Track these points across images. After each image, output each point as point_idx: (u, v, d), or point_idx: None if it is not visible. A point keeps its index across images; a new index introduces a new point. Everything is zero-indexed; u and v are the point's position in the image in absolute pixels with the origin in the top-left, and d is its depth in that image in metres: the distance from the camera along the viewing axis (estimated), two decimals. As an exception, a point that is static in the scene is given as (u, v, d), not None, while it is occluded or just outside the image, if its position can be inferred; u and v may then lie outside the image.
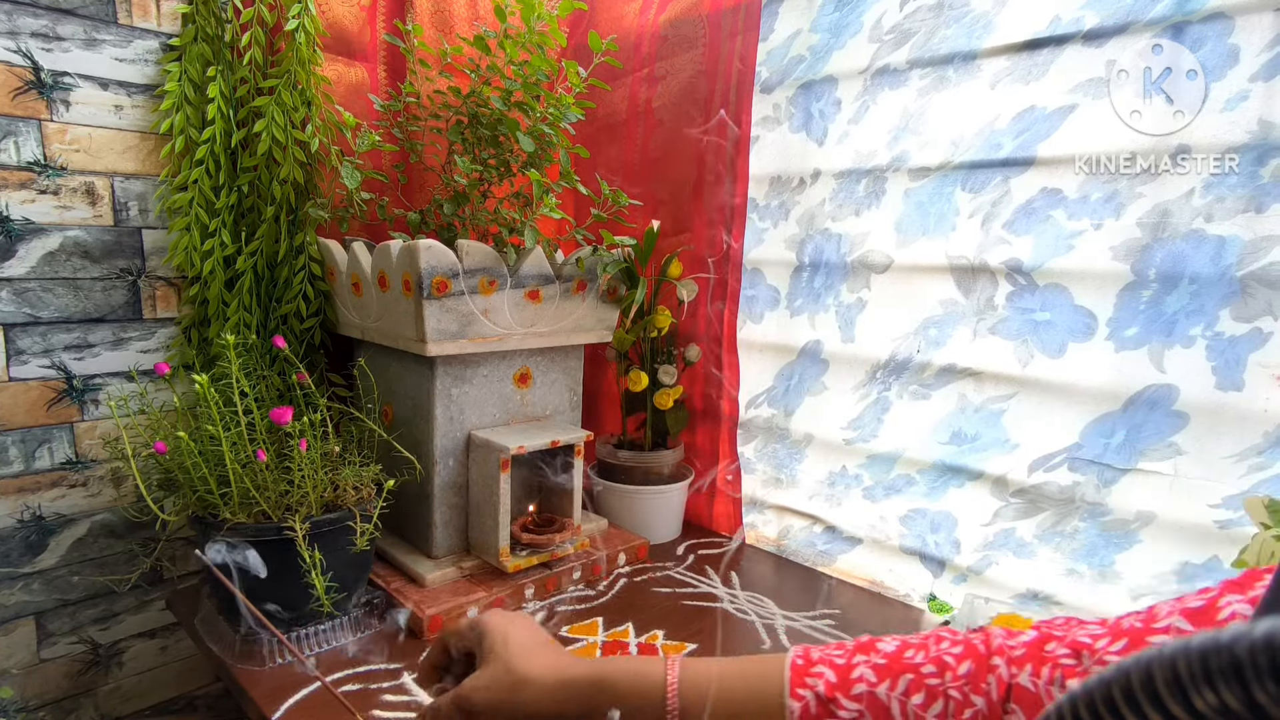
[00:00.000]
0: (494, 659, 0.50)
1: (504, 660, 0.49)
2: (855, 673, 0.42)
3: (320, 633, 0.82)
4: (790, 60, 1.06)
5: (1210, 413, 0.74)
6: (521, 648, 0.50)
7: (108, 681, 1.00)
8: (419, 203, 1.14)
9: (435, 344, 0.88)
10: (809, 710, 0.42)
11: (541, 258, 0.96)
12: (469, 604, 0.88)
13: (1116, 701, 0.20)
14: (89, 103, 0.91)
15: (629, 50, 1.25)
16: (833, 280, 1.04)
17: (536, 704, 0.48)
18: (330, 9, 1.08)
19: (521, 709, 0.48)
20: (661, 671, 0.46)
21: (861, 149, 0.99)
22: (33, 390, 0.91)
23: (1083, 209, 0.81)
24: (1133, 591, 0.81)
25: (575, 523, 0.99)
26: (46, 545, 0.93)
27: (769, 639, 0.87)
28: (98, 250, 0.94)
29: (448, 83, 1.00)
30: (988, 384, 0.90)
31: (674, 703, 0.45)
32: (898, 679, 0.41)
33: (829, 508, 1.08)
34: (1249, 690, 0.18)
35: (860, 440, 1.03)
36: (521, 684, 0.48)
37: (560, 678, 0.48)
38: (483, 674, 0.50)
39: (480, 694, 0.49)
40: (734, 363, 1.17)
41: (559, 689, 0.48)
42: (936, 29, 0.90)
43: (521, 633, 0.52)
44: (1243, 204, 0.71)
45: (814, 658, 0.44)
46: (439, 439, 0.93)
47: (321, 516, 0.79)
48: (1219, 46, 0.72)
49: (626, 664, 0.48)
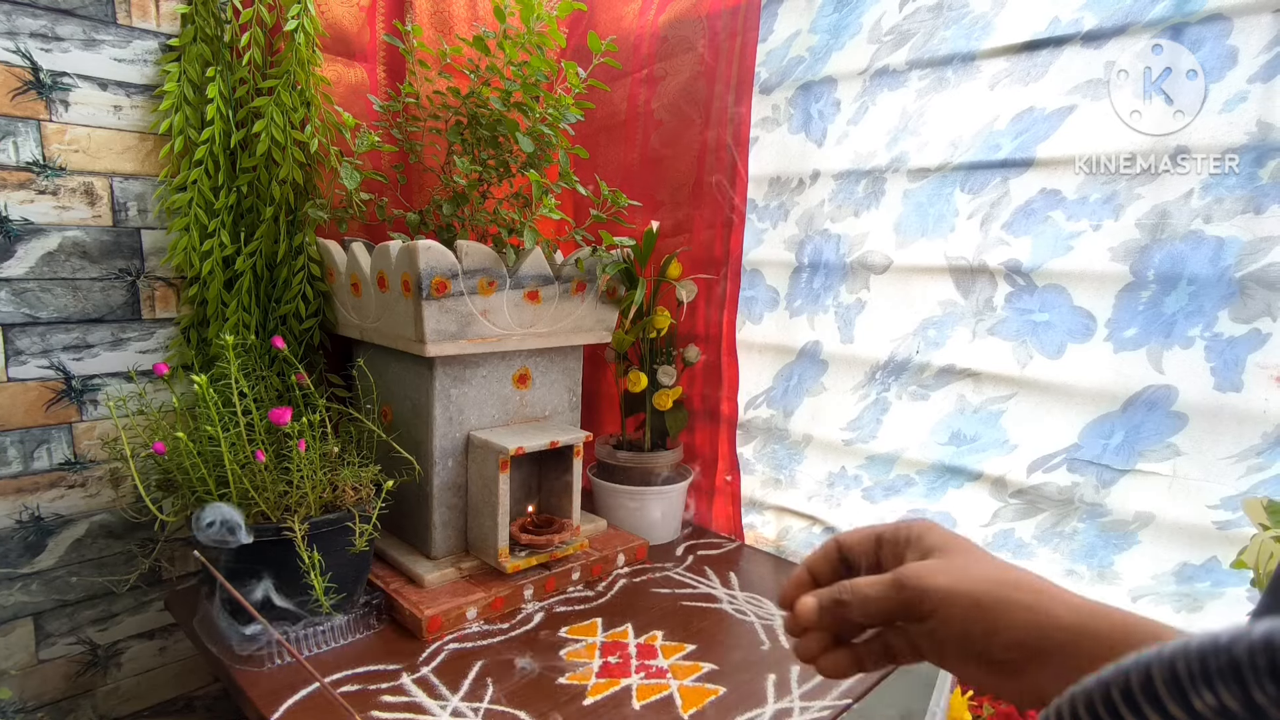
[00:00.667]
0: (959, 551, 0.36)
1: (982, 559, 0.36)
2: None
3: (319, 633, 0.82)
4: (789, 61, 1.06)
5: (1209, 414, 0.74)
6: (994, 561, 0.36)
7: (106, 682, 1.00)
8: (418, 203, 1.14)
9: (434, 344, 0.88)
10: None
11: (541, 258, 0.96)
12: (468, 604, 0.88)
13: (1115, 702, 0.20)
14: (88, 103, 0.91)
15: (628, 51, 1.25)
16: (832, 281, 1.04)
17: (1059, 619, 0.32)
18: (329, 9, 1.08)
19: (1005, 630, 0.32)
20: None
21: (861, 150, 0.99)
22: (31, 390, 0.91)
23: (1082, 210, 0.81)
24: (1132, 592, 0.81)
25: (574, 523, 0.99)
26: (45, 546, 0.93)
27: (768, 640, 0.87)
28: (97, 251, 0.94)
29: (447, 83, 1.00)
30: (987, 385, 0.90)
31: None
32: None
33: (828, 508, 1.08)
34: (1247, 691, 0.18)
35: (859, 441, 1.03)
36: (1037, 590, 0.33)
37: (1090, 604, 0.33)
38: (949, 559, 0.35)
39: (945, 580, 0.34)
40: (733, 363, 1.17)
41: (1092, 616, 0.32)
42: (935, 30, 0.91)
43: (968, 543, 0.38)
44: (1242, 205, 0.71)
45: None
46: (438, 439, 0.93)
47: (320, 517, 0.79)
48: (1218, 47, 0.72)
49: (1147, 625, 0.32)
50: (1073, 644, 0.32)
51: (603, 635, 0.87)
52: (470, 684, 0.77)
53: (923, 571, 0.34)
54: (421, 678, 0.78)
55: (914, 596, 0.34)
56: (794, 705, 0.75)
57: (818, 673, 0.38)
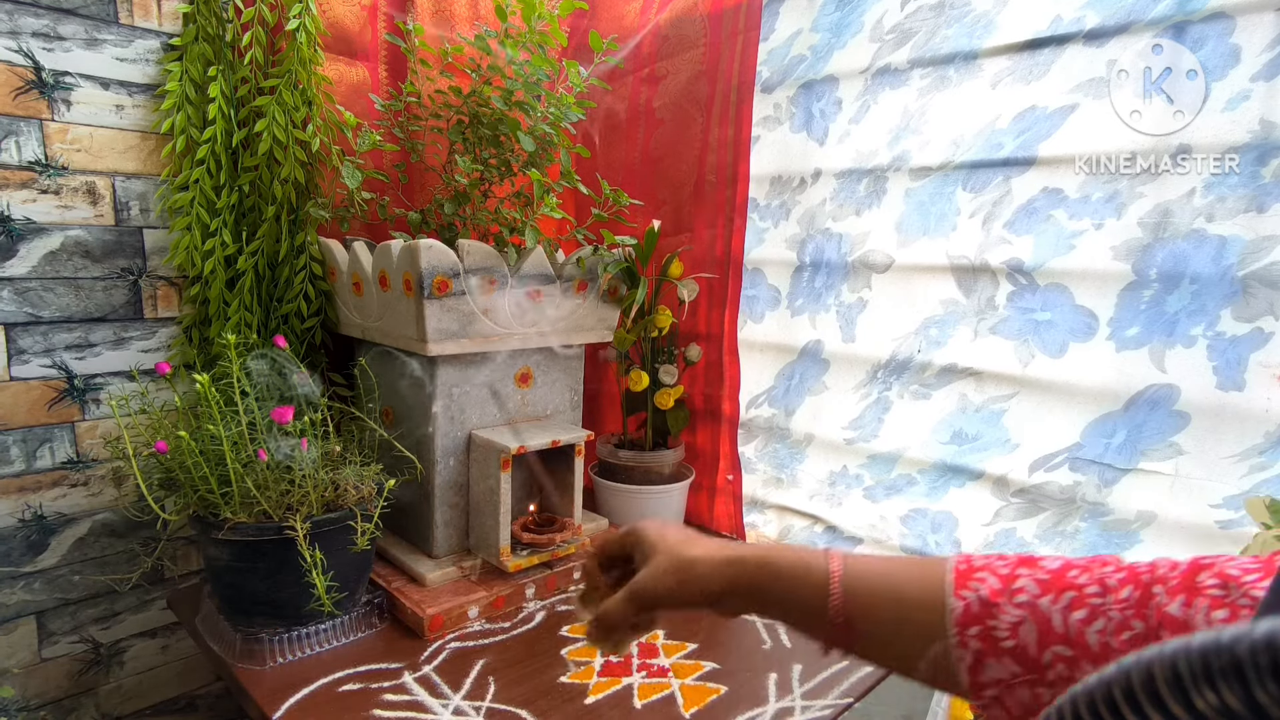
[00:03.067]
0: (658, 552, 0.51)
1: (669, 550, 0.51)
2: (1018, 583, 0.41)
3: (321, 632, 0.82)
4: (791, 60, 1.06)
5: (1211, 413, 0.74)
6: (682, 537, 0.52)
7: (109, 681, 1.01)
8: (420, 202, 1.14)
9: (436, 343, 0.88)
10: (970, 611, 0.41)
11: (542, 257, 0.96)
12: (470, 603, 0.88)
13: (1117, 701, 0.20)
14: (90, 102, 0.91)
15: (629, 50, 1.25)
16: (833, 280, 1.04)
17: (707, 581, 0.49)
18: (331, 8, 1.08)
19: (694, 587, 0.49)
20: (824, 561, 0.47)
21: (862, 149, 0.99)
22: (34, 390, 0.91)
23: (1084, 209, 0.81)
24: (1133, 591, 0.81)
25: (576, 522, 0.99)
26: (48, 545, 0.94)
27: (769, 638, 0.87)
28: (99, 250, 0.94)
29: (449, 82, 1.00)
30: (988, 384, 0.90)
31: (837, 591, 0.45)
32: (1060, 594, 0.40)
33: (830, 507, 1.08)
34: (1250, 690, 0.17)
35: (861, 440, 1.03)
36: (691, 564, 0.49)
37: (728, 555, 0.49)
38: (651, 566, 0.51)
39: (652, 582, 0.50)
40: (734, 362, 1.17)
41: (727, 565, 0.49)
42: (937, 29, 0.90)
43: (676, 530, 0.54)
44: (1244, 204, 0.71)
45: (977, 564, 0.44)
46: (439, 438, 0.93)
47: (322, 516, 0.79)
48: (1220, 46, 0.71)
49: (791, 551, 0.49)
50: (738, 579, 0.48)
51: (604, 634, 0.87)
52: (472, 683, 0.77)
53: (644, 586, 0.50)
54: (423, 676, 0.78)
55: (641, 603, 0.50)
56: (795, 704, 0.75)
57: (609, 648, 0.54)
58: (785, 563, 0.48)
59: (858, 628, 0.45)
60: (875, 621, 0.44)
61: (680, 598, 0.49)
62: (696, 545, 0.51)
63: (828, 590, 0.45)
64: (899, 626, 0.44)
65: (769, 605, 0.48)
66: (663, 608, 0.51)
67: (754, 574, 0.48)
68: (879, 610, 0.44)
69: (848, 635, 0.45)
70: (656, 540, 0.52)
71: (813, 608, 0.46)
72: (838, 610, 0.45)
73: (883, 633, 0.44)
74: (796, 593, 0.47)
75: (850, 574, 0.46)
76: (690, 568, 0.50)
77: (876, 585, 0.45)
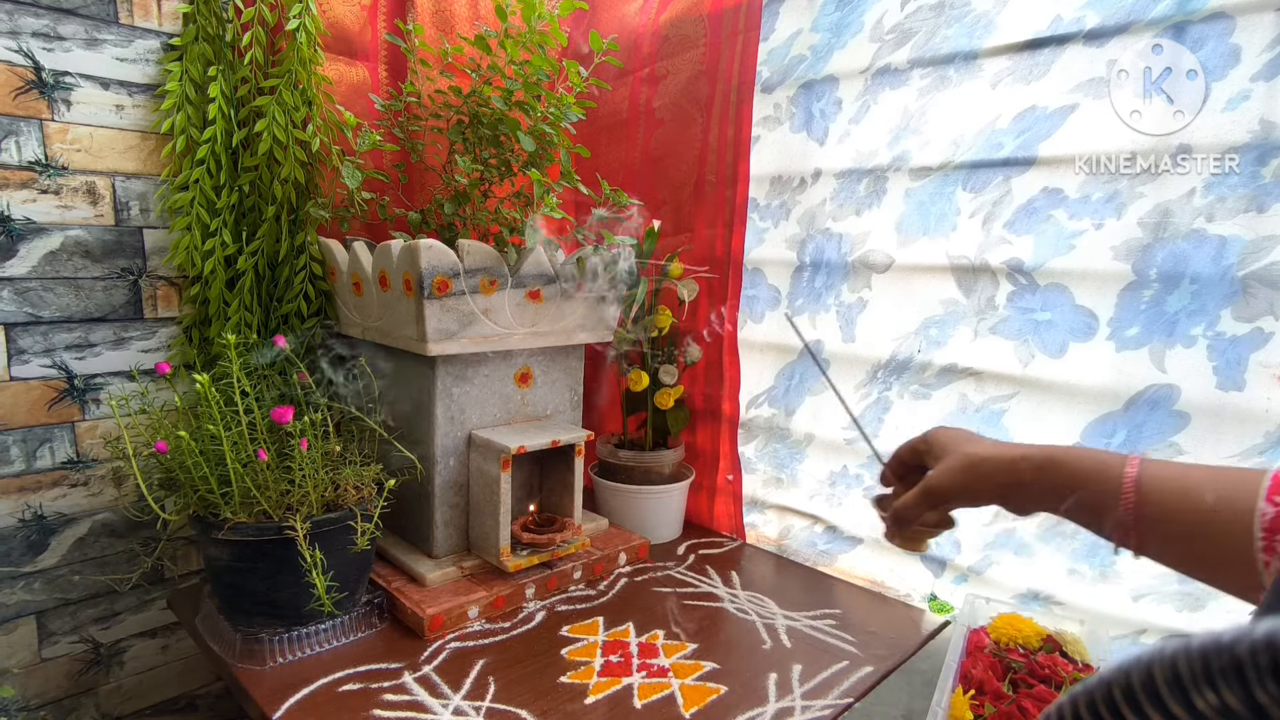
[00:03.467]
0: (949, 452, 0.55)
1: (959, 449, 0.54)
2: None
3: (321, 632, 0.82)
4: (791, 60, 1.06)
5: (1211, 413, 0.74)
6: (972, 438, 0.56)
7: (109, 681, 1.01)
8: (420, 202, 1.14)
9: (436, 343, 0.88)
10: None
11: (542, 257, 0.96)
12: (470, 603, 0.88)
13: (1117, 701, 0.20)
14: (90, 102, 0.91)
15: (630, 50, 1.25)
16: (833, 280, 1.04)
17: (993, 478, 0.52)
18: (331, 8, 1.08)
19: (983, 483, 0.52)
20: (1119, 462, 0.48)
21: (862, 149, 0.99)
22: (34, 389, 0.91)
23: (1084, 209, 0.81)
24: (1134, 591, 0.81)
25: (576, 522, 0.99)
26: (48, 545, 0.94)
27: (769, 638, 0.87)
28: (99, 250, 0.94)
29: (448, 82, 1.00)
30: (989, 384, 0.90)
31: (1130, 491, 0.46)
32: None
33: (830, 507, 1.08)
34: (1250, 690, 0.17)
35: (861, 440, 1.03)
36: (979, 461, 0.53)
37: (1015, 453, 0.52)
38: (943, 464, 0.55)
39: (944, 478, 0.54)
40: (735, 362, 1.17)
41: (1015, 462, 0.51)
42: (937, 29, 0.90)
43: (968, 433, 0.57)
44: (1244, 204, 0.71)
45: None
46: (439, 438, 0.93)
47: (322, 516, 0.79)
48: (1220, 46, 0.71)
49: (1082, 451, 0.50)
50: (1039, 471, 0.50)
51: (604, 634, 0.88)
52: (472, 683, 0.77)
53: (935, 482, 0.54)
54: (423, 676, 0.78)
55: (934, 500, 0.55)
56: (795, 704, 0.75)
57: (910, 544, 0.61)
58: (1078, 462, 0.49)
59: (1152, 529, 0.46)
60: (1172, 523, 0.45)
61: (970, 492, 0.53)
62: (985, 444, 0.54)
63: (1120, 489, 0.46)
64: (1197, 529, 0.44)
65: (1057, 502, 0.49)
66: (954, 503, 0.54)
67: (1042, 469, 0.50)
68: (1177, 513, 0.45)
69: (1140, 535, 0.46)
70: (947, 441, 0.56)
71: (1104, 506, 0.47)
72: (1129, 510, 0.46)
73: (1178, 534, 0.45)
74: (1088, 491, 0.48)
75: (1147, 476, 0.46)
76: (979, 464, 0.53)
77: (1174, 488, 0.45)
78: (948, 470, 0.54)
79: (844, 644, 0.86)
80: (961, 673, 0.73)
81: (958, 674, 0.72)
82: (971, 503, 0.54)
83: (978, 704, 0.68)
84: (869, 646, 0.86)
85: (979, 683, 0.70)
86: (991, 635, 0.78)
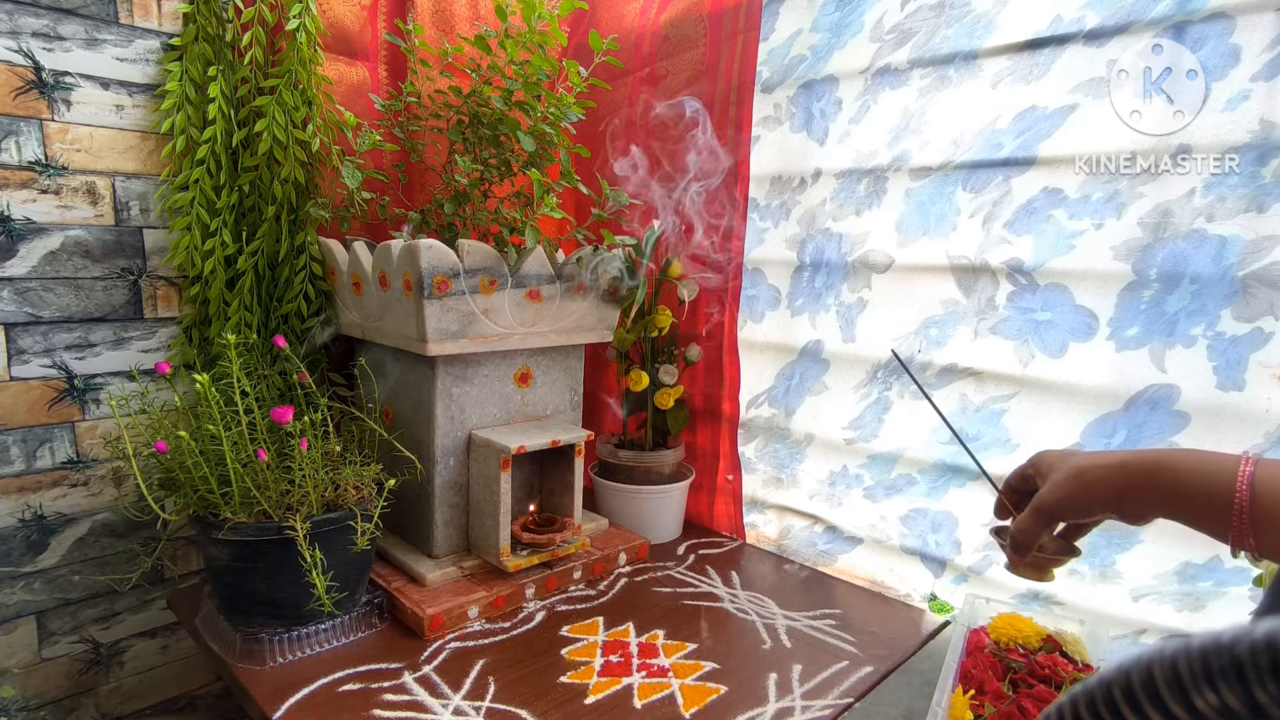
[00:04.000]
0: (1055, 469, 0.55)
1: (1064, 464, 0.55)
2: None
3: (321, 632, 0.82)
4: (791, 60, 1.06)
5: (1211, 413, 0.74)
6: (1076, 453, 0.56)
7: (109, 681, 1.01)
8: (420, 202, 1.14)
9: (436, 343, 0.88)
10: None
11: (542, 257, 0.96)
12: (470, 603, 0.88)
13: (1117, 701, 0.20)
14: (90, 102, 0.91)
15: (630, 50, 1.25)
16: (833, 280, 1.04)
17: (1101, 484, 0.51)
18: (331, 8, 1.08)
19: (1090, 491, 0.52)
20: (1234, 462, 0.47)
21: (862, 149, 0.99)
22: (34, 389, 0.91)
23: (1084, 209, 0.81)
24: (1134, 591, 0.81)
25: (576, 522, 0.99)
26: (48, 544, 0.94)
27: (769, 639, 0.87)
28: (99, 250, 0.94)
29: (448, 82, 1.00)
30: (989, 384, 0.90)
31: (1244, 493, 0.45)
32: None
33: (829, 507, 1.08)
34: (1249, 690, 0.17)
35: (861, 440, 1.03)
36: (1084, 470, 0.53)
37: (1118, 460, 0.52)
38: (1050, 480, 0.55)
39: (1053, 492, 0.54)
40: (735, 362, 1.17)
41: (1119, 468, 0.51)
42: (937, 29, 0.90)
43: (1071, 450, 0.58)
44: (1244, 204, 0.71)
45: None
46: (440, 438, 0.93)
47: (322, 516, 0.79)
48: (1220, 46, 0.71)
49: (1192, 453, 0.50)
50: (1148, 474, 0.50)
51: (604, 634, 0.87)
52: (472, 683, 0.77)
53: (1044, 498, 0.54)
54: (423, 676, 0.78)
55: (1047, 517, 0.54)
56: (795, 704, 0.75)
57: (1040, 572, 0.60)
58: (1185, 462, 0.48)
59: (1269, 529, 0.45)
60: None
61: (1080, 503, 0.52)
62: (1091, 455, 0.54)
63: (1231, 495, 0.46)
64: None
65: (1169, 506, 0.49)
66: (1066, 515, 0.54)
67: (1149, 473, 0.49)
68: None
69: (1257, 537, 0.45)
70: (1054, 460, 0.56)
71: (1216, 508, 0.46)
72: (1243, 510, 0.45)
73: None
74: (1199, 493, 0.47)
75: (1261, 476, 0.46)
76: (1084, 473, 0.52)
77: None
78: (1054, 484, 0.54)
79: (844, 644, 0.86)
80: (962, 673, 0.73)
81: (958, 674, 0.72)
82: (1085, 514, 0.53)
83: (978, 704, 0.68)
84: (869, 646, 0.86)
85: (979, 682, 0.70)
86: (991, 635, 0.78)
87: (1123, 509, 0.51)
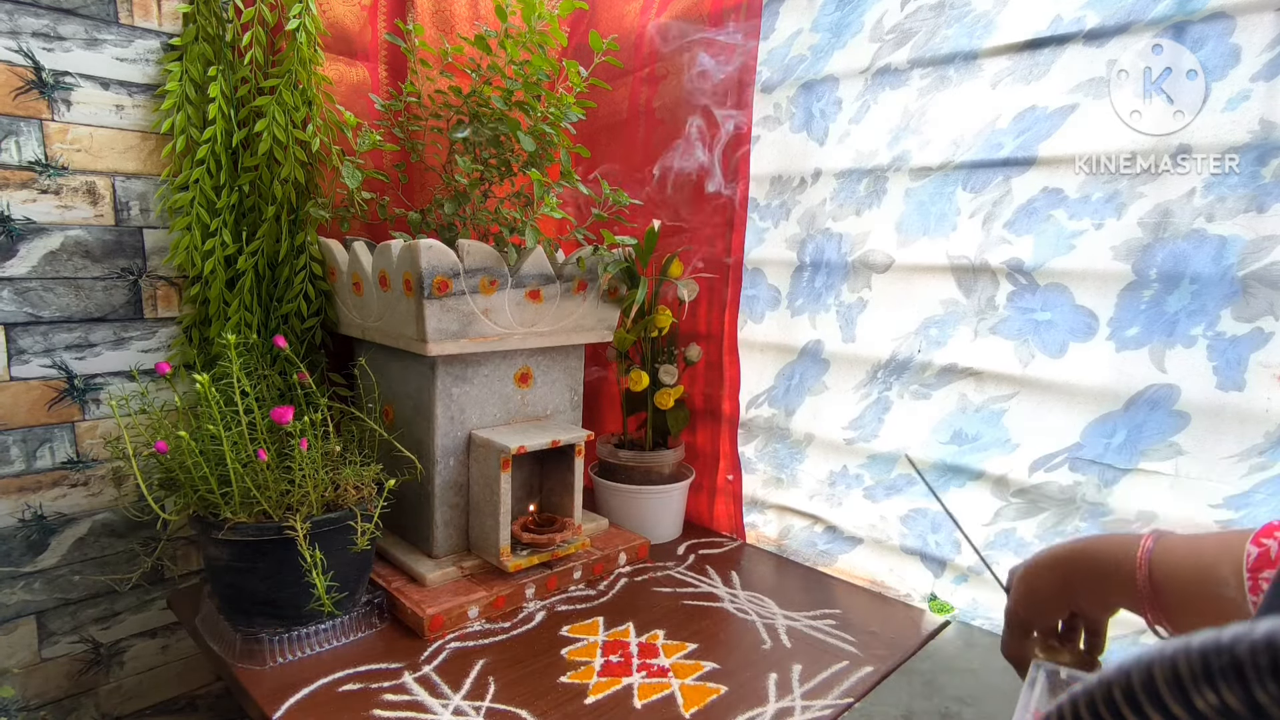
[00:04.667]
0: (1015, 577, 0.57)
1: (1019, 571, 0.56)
2: None
3: (321, 632, 0.82)
4: (791, 60, 1.06)
5: (1211, 413, 0.74)
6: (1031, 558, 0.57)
7: (109, 681, 1.01)
8: (420, 202, 1.14)
9: (436, 343, 0.88)
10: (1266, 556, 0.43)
11: (542, 257, 0.96)
12: (470, 603, 0.88)
13: (1117, 701, 0.20)
14: (90, 102, 0.91)
15: (630, 50, 1.25)
16: (833, 280, 1.04)
17: (1045, 582, 0.53)
18: (331, 8, 1.08)
19: (1037, 594, 0.54)
20: (1135, 542, 0.49)
21: (862, 149, 0.99)
22: (34, 389, 0.91)
23: (1084, 209, 0.81)
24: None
25: (576, 522, 0.99)
26: (48, 544, 0.94)
27: (769, 639, 0.87)
28: (99, 250, 0.94)
29: (448, 82, 1.00)
30: (988, 384, 0.90)
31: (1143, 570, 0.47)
32: None
33: (829, 507, 1.08)
34: (1250, 690, 0.17)
35: (861, 440, 1.03)
36: (1027, 574, 0.55)
37: (1050, 555, 0.54)
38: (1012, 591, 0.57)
39: (1011, 601, 0.56)
40: (735, 362, 1.17)
41: (1049, 564, 0.53)
42: (937, 28, 0.90)
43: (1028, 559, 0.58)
44: (1244, 204, 0.71)
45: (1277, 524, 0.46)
46: (439, 438, 0.93)
47: (322, 516, 0.79)
48: (1220, 46, 0.71)
49: (1107, 537, 0.52)
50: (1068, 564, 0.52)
51: (604, 634, 0.87)
52: (472, 683, 0.77)
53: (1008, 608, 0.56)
54: (423, 676, 0.78)
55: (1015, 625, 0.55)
56: (795, 704, 0.75)
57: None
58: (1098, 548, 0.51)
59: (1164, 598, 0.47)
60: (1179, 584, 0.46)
61: (1035, 607, 0.54)
62: (1033, 557, 0.55)
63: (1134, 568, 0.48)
64: (1201, 588, 0.45)
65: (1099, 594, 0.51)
66: (1034, 622, 0.55)
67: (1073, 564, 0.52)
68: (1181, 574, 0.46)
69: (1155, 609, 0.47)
70: (1017, 569, 0.57)
71: (1128, 589, 0.48)
72: (1144, 583, 0.47)
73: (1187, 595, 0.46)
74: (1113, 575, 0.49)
75: (1159, 552, 0.48)
76: (1027, 577, 0.55)
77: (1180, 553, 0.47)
78: (1014, 592, 0.56)
79: (844, 644, 0.86)
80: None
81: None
82: (1045, 615, 0.54)
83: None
84: (869, 646, 0.86)
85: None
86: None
87: (1077, 603, 0.52)
